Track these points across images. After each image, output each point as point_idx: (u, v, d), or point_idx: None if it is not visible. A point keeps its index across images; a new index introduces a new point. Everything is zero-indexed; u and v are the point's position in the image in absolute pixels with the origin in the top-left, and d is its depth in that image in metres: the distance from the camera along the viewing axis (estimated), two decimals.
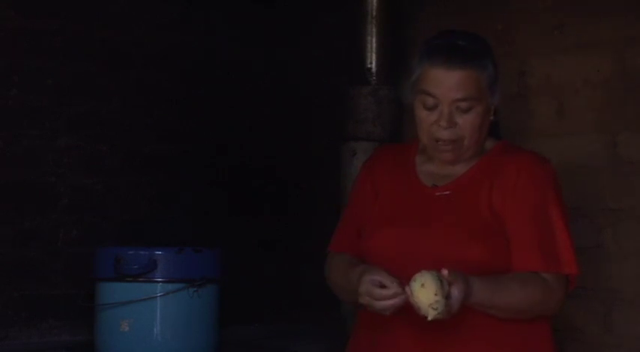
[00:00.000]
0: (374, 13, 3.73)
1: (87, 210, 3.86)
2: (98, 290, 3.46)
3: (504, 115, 2.72)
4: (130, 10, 4.00)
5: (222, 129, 4.19)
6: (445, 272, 2.22)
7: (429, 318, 2.20)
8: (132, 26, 4.00)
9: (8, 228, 3.69)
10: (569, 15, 3.40)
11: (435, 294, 2.19)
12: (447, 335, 2.38)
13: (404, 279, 2.27)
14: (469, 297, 2.27)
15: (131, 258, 3.38)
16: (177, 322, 3.41)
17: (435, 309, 2.19)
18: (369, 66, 3.72)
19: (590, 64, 3.33)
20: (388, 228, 2.49)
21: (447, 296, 2.21)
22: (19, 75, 3.73)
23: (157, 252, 3.40)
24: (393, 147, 2.83)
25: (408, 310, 2.27)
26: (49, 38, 3.79)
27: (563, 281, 2.42)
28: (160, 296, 3.38)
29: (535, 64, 3.48)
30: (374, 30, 3.74)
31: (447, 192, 2.49)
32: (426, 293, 2.19)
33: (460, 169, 2.51)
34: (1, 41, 3.69)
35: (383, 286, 2.29)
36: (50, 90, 3.79)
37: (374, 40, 3.73)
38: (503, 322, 2.40)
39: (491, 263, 2.39)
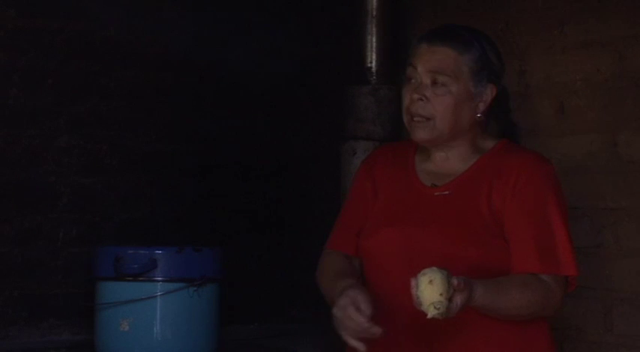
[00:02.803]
0: (374, 13, 3.73)
1: (87, 210, 3.86)
2: (98, 290, 3.47)
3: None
4: (131, 10, 3.99)
5: (222, 129, 4.19)
6: (455, 281, 2.18)
7: (428, 316, 2.18)
8: (132, 26, 3.99)
9: (8, 227, 3.69)
10: (569, 15, 3.40)
11: (441, 294, 2.16)
12: (446, 335, 2.38)
13: (402, 281, 2.26)
14: (470, 302, 2.26)
15: (131, 257, 3.39)
16: (177, 322, 3.41)
17: (437, 309, 2.17)
18: (369, 65, 3.72)
19: (590, 64, 3.33)
20: (387, 228, 2.49)
21: (450, 300, 2.19)
22: (19, 75, 3.73)
23: (157, 252, 3.40)
24: (392, 147, 2.82)
25: (407, 309, 2.27)
26: (49, 38, 3.79)
27: (562, 283, 2.41)
28: (160, 295, 3.38)
29: (535, 63, 3.48)
30: (374, 29, 3.73)
31: (447, 192, 2.48)
32: (431, 290, 2.17)
33: (460, 168, 2.51)
34: (1, 41, 3.69)
35: (359, 309, 2.27)
36: (50, 90, 3.79)
37: (374, 39, 3.73)
38: (502, 322, 2.40)
39: (490, 263, 2.39)
